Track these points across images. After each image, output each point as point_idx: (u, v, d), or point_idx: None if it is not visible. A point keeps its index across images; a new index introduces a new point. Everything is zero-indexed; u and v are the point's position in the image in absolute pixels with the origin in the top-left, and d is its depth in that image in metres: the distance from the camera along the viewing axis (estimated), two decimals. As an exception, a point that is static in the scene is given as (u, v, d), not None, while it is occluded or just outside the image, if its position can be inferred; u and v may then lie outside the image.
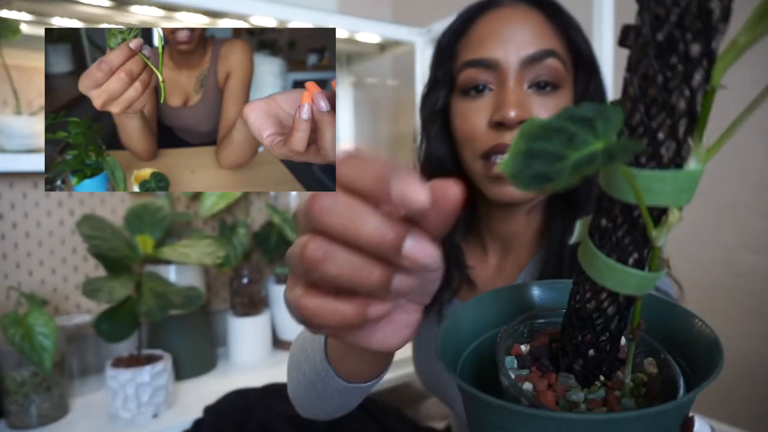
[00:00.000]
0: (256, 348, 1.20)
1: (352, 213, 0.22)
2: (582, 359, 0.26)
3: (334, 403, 0.49)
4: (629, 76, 0.21)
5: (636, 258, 0.23)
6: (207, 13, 1.01)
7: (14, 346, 0.81)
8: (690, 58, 0.19)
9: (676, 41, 0.19)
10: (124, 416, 0.90)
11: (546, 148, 0.18)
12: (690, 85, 0.19)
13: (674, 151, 0.20)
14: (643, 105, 0.20)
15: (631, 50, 0.21)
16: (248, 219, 1.24)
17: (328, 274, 0.23)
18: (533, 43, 0.56)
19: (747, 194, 0.90)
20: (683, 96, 0.20)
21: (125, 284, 0.90)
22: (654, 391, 0.26)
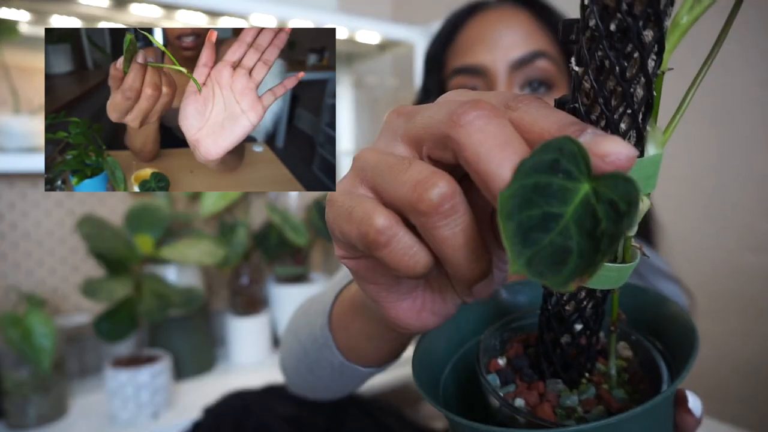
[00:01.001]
0: (256, 348, 1.20)
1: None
2: (566, 361, 0.25)
3: (324, 380, 0.45)
4: (581, 71, 0.20)
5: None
6: (207, 12, 1.01)
7: (13, 346, 0.81)
8: (644, 44, 0.19)
9: (629, 29, 0.19)
10: (123, 416, 0.90)
11: (532, 215, 0.17)
12: (646, 71, 0.19)
13: (635, 139, 0.21)
14: (602, 98, 0.20)
15: (578, 45, 0.20)
16: (248, 219, 1.24)
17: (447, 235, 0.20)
18: (521, 45, 0.56)
19: (749, 195, 0.90)
20: (640, 84, 0.20)
21: (125, 284, 0.90)
22: (635, 375, 0.26)
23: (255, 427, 0.78)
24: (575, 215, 0.16)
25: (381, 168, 0.22)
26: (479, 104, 0.19)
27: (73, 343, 1.07)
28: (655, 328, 0.28)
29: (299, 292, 1.24)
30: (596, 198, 0.16)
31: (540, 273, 0.15)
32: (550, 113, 0.19)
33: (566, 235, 0.16)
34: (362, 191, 0.23)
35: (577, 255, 0.16)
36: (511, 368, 0.27)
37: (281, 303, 1.24)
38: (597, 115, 0.21)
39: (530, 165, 0.17)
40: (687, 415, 0.25)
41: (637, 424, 0.21)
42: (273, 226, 1.25)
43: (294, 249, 1.28)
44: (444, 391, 0.29)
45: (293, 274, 1.28)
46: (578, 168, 0.17)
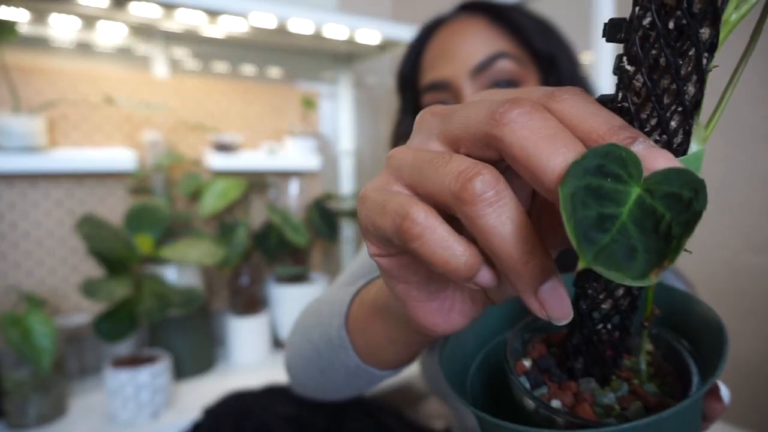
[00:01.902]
0: (256, 348, 1.20)
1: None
2: (599, 359, 0.25)
3: (336, 382, 0.44)
4: (633, 69, 0.20)
5: None
6: (206, 11, 1.01)
7: (13, 346, 0.81)
8: (700, 42, 0.19)
9: (687, 28, 0.19)
10: (123, 416, 0.90)
11: (608, 167, 0.17)
12: (700, 69, 0.19)
13: (683, 137, 0.21)
14: (654, 96, 0.20)
15: (629, 44, 0.20)
16: (248, 219, 1.24)
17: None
18: (479, 50, 0.56)
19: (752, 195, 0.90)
20: (692, 81, 0.20)
21: (125, 284, 0.90)
22: (660, 368, 0.26)
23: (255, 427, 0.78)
24: (631, 216, 0.17)
25: (419, 164, 0.21)
26: (519, 102, 0.19)
27: (73, 343, 1.07)
28: (681, 326, 0.28)
29: (299, 292, 1.24)
30: (651, 197, 0.17)
31: (614, 266, 0.16)
32: (596, 111, 0.19)
33: (625, 234, 0.16)
34: (397, 188, 0.22)
35: (644, 251, 0.16)
36: (537, 369, 0.27)
37: (281, 303, 1.24)
38: (648, 114, 0.21)
39: (582, 166, 0.17)
40: (716, 403, 0.26)
41: (680, 416, 0.21)
42: (273, 226, 1.25)
43: (294, 249, 1.28)
44: (471, 390, 0.28)
45: (293, 274, 1.28)
46: (627, 172, 0.17)
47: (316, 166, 1.29)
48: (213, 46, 1.27)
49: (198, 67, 1.27)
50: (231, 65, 1.31)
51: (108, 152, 1.07)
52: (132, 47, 1.18)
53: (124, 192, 1.15)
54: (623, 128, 0.19)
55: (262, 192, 1.33)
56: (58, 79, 1.07)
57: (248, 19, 1.06)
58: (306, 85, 1.43)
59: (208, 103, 1.25)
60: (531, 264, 0.19)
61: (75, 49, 1.12)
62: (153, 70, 1.20)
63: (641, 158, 0.17)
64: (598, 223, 0.16)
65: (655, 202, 0.17)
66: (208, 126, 1.23)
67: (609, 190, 0.17)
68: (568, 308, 0.20)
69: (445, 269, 0.20)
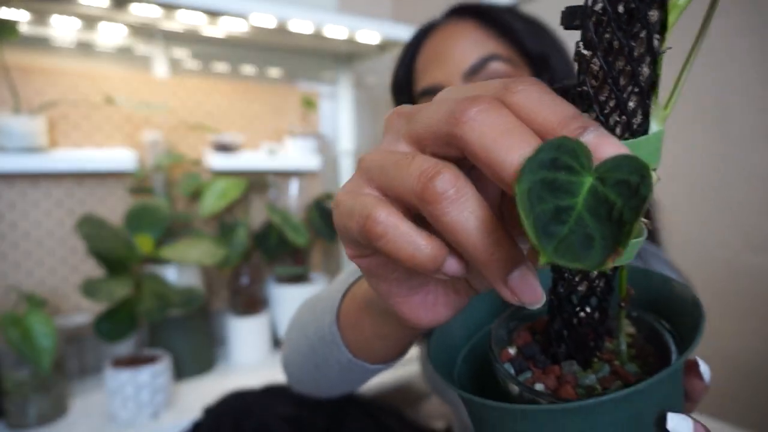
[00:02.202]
0: (256, 348, 1.20)
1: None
2: (580, 342, 0.26)
3: (330, 378, 0.44)
4: (589, 54, 0.21)
5: None
6: (206, 11, 1.01)
7: (13, 346, 0.81)
8: (650, 24, 0.20)
9: (636, 11, 0.20)
10: (123, 416, 0.90)
11: (561, 160, 0.18)
12: (652, 50, 0.20)
13: (642, 117, 0.21)
14: (611, 78, 0.21)
15: (586, 29, 0.21)
16: (248, 219, 1.24)
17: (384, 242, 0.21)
18: (471, 54, 0.56)
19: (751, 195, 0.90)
20: (646, 63, 0.21)
21: (125, 284, 0.90)
22: (642, 349, 0.27)
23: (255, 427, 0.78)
24: (586, 205, 0.17)
25: (385, 165, 0.22)
26: (477, 99, 0.20)
27: (73, 343, 1.07)
28: (660, 307, 0.29)
29: (299, 292, 1.24)
30: (603, 184, 0.17)
31: (572, 258, 0.16)
32: (549, 101, 0.20)
33: (582, 224, 0.17)
34: (367, 191, 0.23)
35: (600, 238, 0.16)
36: (522, 356, 0.27)
37: (281, 303, 1.24)
38: (606, 96, 0.21)
39: (536, 161, 0.17)
40: (697, 380, 0.26)
41: (657, 391, 0.22)
42: (273, 226, 1.25)
43: (294, 249, 1.28)
44: (459, 380, 0.29)
45: (293, 274, 1.28)
46: (579, 163, 0.18)
47: (316, 166, 1.29)
48: (213, 46, 1.27)
49: (198, 67, 1.27)
50: (231, 65, 1.31)
51: (108, 152, 1.07)
52: (132, 47, 1.18)
53: (124, 192, 1.15)
54: (574, 118, 0.19)
55: (262, 192, 1.33)
56: (58, 79, 1.07)
57: (248, 19, 1.06)
58: (306, 85, 1.43)
59: (208, 103, 1.25)
60: (497, 255, 0.19)
61: (75, 50, 1.12)
62: (153, 70, 1.20)
63: (592, 147, 0.18)
64: (555, 215, 0.17)
65: (606, 190, 0.17)
66: (208, 126, 1.23)
67: (563, 182, 0.17)
68: (539, 293, 0.21)
69: (412, 264, 0.21)
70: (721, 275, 0.95)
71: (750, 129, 0.89)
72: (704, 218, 0.96)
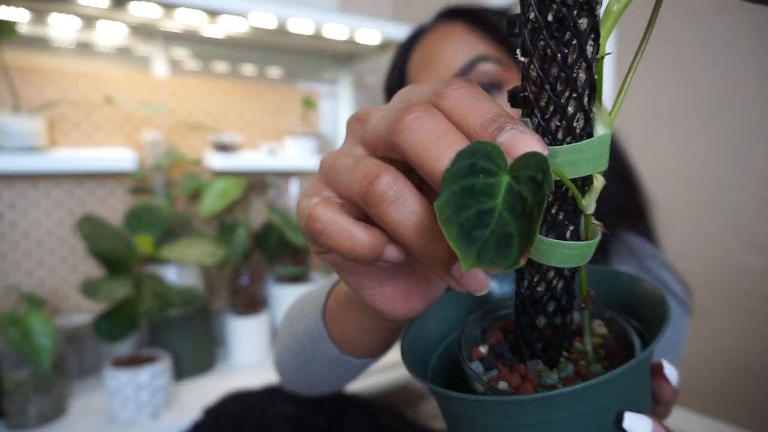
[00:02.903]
0: (256, 348, 1.20)
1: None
2: (543, 342, 0.26)
3: (319, 374, 0.45)
4: (527, 61, 0.22)
5: (572, 230, 0.24)
6: (206, 11, 1.01)
7: (13, 346, 0.81)
8: (580, 32, 0.20)
9: (566, 19, 0.20)
10: (123, 416, 0.90)
11: (478, 164, 0.19)
12: (585, 56, 0.21)
13: (584, 121, 0.22)
14: (548, 84, 0.21)
15: (523, 37, 0.22)
16: (248, 219, 1.24)
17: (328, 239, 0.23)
18: (460, 56, 0.57)
19: (748, 195, 0.90)
20: (582, 68, 0.21)
21: (125, 284, 0.90)
22: (612, 350, 0.27)
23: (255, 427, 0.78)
24: (505, 204, 0.18)
25: (337, 169, 0.24)
26: (411, 108, 0.21)
27: (73, 343, 1.07)
28: (631, 307, 0.29)
29: (299, 292, 1.24)
30: (517, 182, 0.18)
31: (491, 261, 0.17)
32: (475, 104, 0.21)
33: (503, 223, 0.17)
34: (326, 193, 0.24)
35: (518, 235, 0.17)
36: (492, 354, 0.28)
37: (281, 303, 1.24)
38: (545, 101, 0.22)
39: (453, 172, 0.18)
40: (664, 383, 0.26)
41: (615, 388, 0.22)
42: (273, 226, 1.25)
43: (294, 249, 1.28)
44: (432, 379, 0.30)
45: (293, 274, 1.28)
46: (495, 164, 0.18)
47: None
48: (213, 46, 1.27)
49: (198, 67, 1.27)
50: (231, 65, 1.31)
51: (108, 152, 1.07)
52: (132, 47, 1.18)
53: (124, 192, 1.15)
54: (494, 119, 0.20)
55: (262, 192, 1.33)
56: (58, 79, 1.07)
57: (248, 19, 1.06)
58: (306, 85, 1.43)
59: (208, 103, 1.25)
60: (438, 249, 0.20)
61: (75, 49, 1.12)
62: (153, 70, 1.20)
63: (506, 146, 0.19)
64: (479, 220, 0.17)
65: (520, 187, 0.18)
66: (208, 126, 1.23)
67: (483, 186, 0.18)
68: (483, 281, 0.22)
69: (353, 255, 0.22)
70: (720, 275, 0.95)
71: (747, 130, 0.89)
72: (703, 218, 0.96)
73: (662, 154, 1.00)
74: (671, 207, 0.98)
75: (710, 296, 0.96)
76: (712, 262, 0.96)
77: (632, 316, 0.29)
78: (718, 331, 0.96)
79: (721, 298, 0.95)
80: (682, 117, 0.96)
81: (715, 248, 0.95)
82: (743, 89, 0.89)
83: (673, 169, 0.98)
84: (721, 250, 0.95)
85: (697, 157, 0.96)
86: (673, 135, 0.99)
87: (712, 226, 0.95)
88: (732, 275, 0.93)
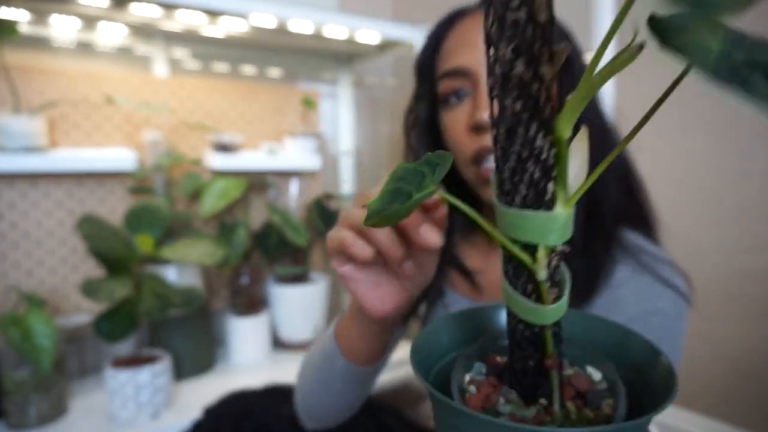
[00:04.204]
0: (256, 348, 1.20)
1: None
2: (521, 379, 0.26)
3: (336, 391, 0.55)
4: (496, 131, 0.22)
5: (530, 290, 0.24)
6: (206, 11, 1.01)
7: (13, 346, 0.81)
8: (529, 139, 0.21)
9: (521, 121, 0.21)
10: (123, 416, 0.90)
11: (402, 188, 0.24)
12: (536, 146, 0.21)
13: (535, 195, 0.22)
14: (515, 154, 0.22)
15: (491, 94, 0.22)
16: (248, 219, 1.24)
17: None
18: None
19: (749, 197, 0.90)
20: (545, 149, 0.21)
21: (125, 284, 0.90)
22: (598, 404, 0.26)
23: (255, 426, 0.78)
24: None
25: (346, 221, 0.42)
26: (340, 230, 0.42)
27: (73, 343, 1.07)
28: (640, 373, 0.28)
29: (299, 292, 1.24)
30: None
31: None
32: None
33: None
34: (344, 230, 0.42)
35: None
36: (500, 368, 0.29)
37: (281, 303, 1.24)
38: (510, 168, 0.22)
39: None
40: None
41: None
42: (273, 226, 1.25)
43: (294, 249, 1.28)
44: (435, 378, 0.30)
45: (293, 274, 1.28)
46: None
47: (316, 166, 1.29)
48: (213, 46, 1.27)
49: (198, 67, 1.27)
50: (231, 65, 1.31)
51: (108, 152, 1.07)
52: (132, 47, 1.18)
53: (124, 192, 1.15)
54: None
55: (262, 192, 1.33)
56: (58, 79, 1.07)
57: (248, 19, 1.06)
58: (306, 85, 1.43)
59: (208, 103, 1.25)
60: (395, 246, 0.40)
61: (75, 50, 1.12)
62: (153, 70, 1.20)
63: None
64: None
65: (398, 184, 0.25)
66: (208, 126, 1.23)
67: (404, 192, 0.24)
68: (434, 236, 0.37)
69: (362, 256, 0.40)
70: (719, 277, 0.95)
71: (747, 132, 0.89)
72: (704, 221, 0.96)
73: (665, 158, 1.00)
74: (673, 210, 0.98)
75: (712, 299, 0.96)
76: (714, 265, 0.96)
77: (642, 381, 0.27)
78: (719, 334, 0.96)
79: (722, 300, 0.95)
80: (684, 121, 0.96)
81: (717, 251, 0.95)
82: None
83: (674, 173, 0.98)
84: (722, 253, 0.95)
85: (699, 160, 0.96)
86: (675, 139, 0.99)
87: (713, 229, 0.95)
88: (734, 278, 0.93)
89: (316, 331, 1.29)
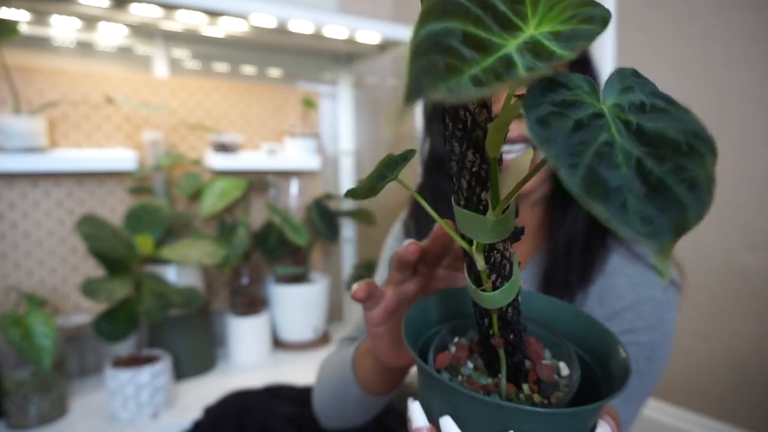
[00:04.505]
0: (256, 348, 1.20)
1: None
2: (483, 353, 0.32)
3: (351, 410, 0.58)
4: (449, 147, 0.26)
5: (474, 278, 0.29)
6: (206, 12, 1.01)
7: (14, 346, 0.81)
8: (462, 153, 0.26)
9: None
10: (123, 416, 0.90)
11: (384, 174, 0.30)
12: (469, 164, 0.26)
13: (476, 202, 0.27)
14: (468, 173, 0.26)
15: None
16: (248, 219, 1.24)
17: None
18: None
19: (748, 195, 0.90)
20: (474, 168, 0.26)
21: (125, 284, 0.90)
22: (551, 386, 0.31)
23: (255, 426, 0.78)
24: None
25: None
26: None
27: (74, 343, 1.07)
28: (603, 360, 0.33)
29: (299, 292, 1.24)
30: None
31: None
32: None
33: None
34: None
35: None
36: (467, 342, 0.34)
37: (281, 303, 1.24)
38: (459, 180, 0.27)
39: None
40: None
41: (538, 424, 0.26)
42: (273, 226, 1.25)
43: (294, 249, 1.28)
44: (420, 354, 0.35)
45: (293, 274, 1.28)
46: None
47: (316, 166, 1.29)
48: (213, 46, 1.27)
49: (198, 67, 1.27)
50: (231, 65, 1.31)
51: (108, 152, 1.07)
52: (132, 47, 1.18)
53: (124, 192, 1.15)
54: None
55: (262, 192, 1.33)
56: (58, 79, 1.07)
57: (248, 19, 1.06)
58: (306, 85, 1.43)
59: (208, 103, 1.25)
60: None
61: (75, 50, 1.12)
62: (153, 70, 1.20)
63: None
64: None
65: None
66: (208, 126, 1.23)
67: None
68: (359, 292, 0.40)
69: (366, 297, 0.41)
70: (719, 275, 0.95)
71: (747, 129, 0.89)
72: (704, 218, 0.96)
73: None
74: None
75: (711, 296, 0.96)
76: (714, 263, 0.96)
77: (603, 368, 0.32)
78: (719, 331, 0.96)
79: (722, 298, 0.95)
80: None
81: (717, 248, 0.95)
82: (744, 89, 0.89)
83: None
84: (722, 251, 0.95)
85: (696, 157, 0.96)
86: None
87: (713, 226, 0.95)
88: (734, 275, 0.93)
89: (316, 331, 1.29)
